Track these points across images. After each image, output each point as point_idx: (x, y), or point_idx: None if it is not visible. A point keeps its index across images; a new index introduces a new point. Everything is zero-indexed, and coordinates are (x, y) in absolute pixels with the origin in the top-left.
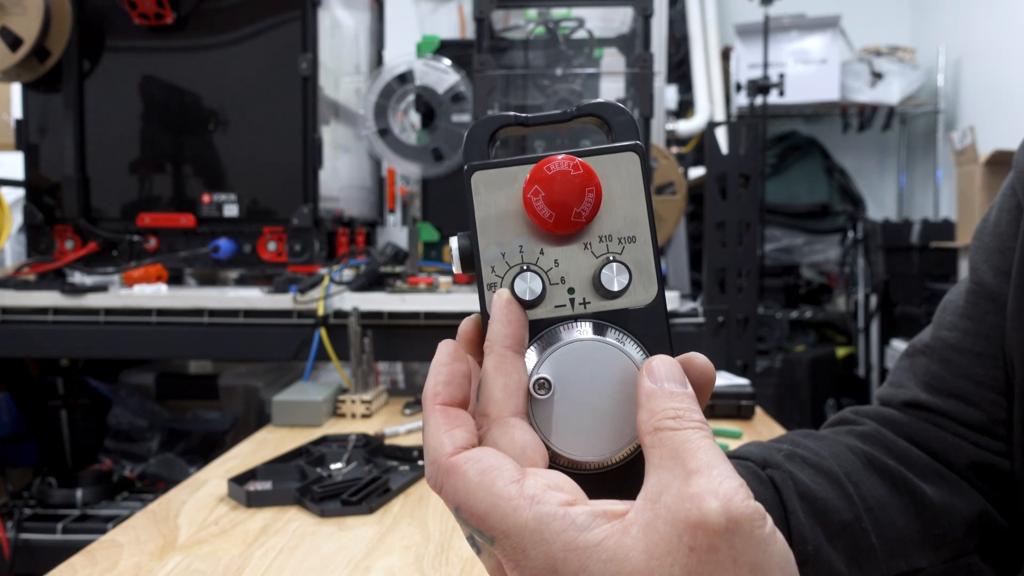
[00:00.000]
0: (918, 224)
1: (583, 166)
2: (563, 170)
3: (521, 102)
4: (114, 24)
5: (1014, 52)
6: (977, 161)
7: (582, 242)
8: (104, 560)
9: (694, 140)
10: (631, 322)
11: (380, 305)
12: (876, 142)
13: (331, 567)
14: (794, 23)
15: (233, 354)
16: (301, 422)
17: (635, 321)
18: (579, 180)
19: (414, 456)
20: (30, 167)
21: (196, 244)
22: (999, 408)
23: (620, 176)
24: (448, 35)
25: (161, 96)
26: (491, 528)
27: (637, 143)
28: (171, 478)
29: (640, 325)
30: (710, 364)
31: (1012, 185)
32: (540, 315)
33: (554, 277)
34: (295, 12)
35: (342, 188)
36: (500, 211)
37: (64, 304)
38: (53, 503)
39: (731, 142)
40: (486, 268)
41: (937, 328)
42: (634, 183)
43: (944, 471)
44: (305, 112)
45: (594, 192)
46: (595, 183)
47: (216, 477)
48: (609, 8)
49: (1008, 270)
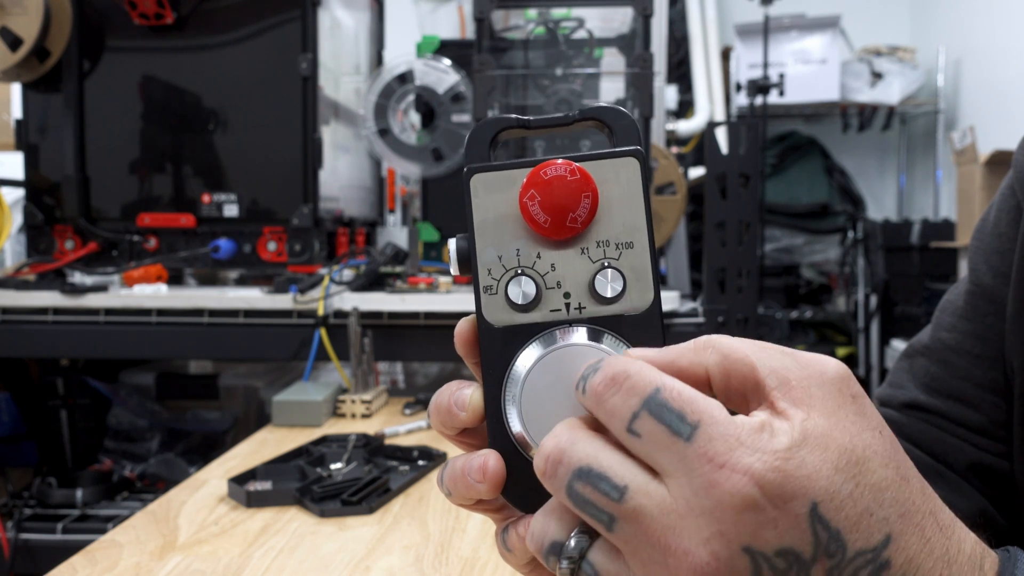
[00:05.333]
0: (918, 224)
1: (580, 171)
2: (560, 175)
3: (521, 102)
4: (114, 24)
5: (1014, 52)
6: (977, 161)
7: (579, 247)
8: (104, 560)
9: (694, 140)
10: (626, 328)
11: (380, 305)
12: (876, 142)
13: (331, 567)
14: (794, 23)
15: (233, 354)
16: (301, 422)
17: (630, 327)
18: (575, 185)
19: (414, 456)
20: (30, 167)
21: (196, 244)
22: (998, 410)
23: (619, 181)
24: (448, 35)
25: (161, 96)
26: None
27: (637, 148)
28: (171, 478)
29: (635, 331)
30: None
31: (1011, 185)
32: (535, 319)
33: (550, 281)
34: (295, 12)
35: (342, 188)
36: (498, 214)
37: (64, 304)
38: (53, 503)
39: (731, 142)
40: (483, 271)
41: (936, 329)
42: (633, 189)
43: (944, 472)
44: (305, 112)
45: (590, 197)
46: (592, 188)
47: (216, 477)
48: (609, 8)
49: (1007, 271)
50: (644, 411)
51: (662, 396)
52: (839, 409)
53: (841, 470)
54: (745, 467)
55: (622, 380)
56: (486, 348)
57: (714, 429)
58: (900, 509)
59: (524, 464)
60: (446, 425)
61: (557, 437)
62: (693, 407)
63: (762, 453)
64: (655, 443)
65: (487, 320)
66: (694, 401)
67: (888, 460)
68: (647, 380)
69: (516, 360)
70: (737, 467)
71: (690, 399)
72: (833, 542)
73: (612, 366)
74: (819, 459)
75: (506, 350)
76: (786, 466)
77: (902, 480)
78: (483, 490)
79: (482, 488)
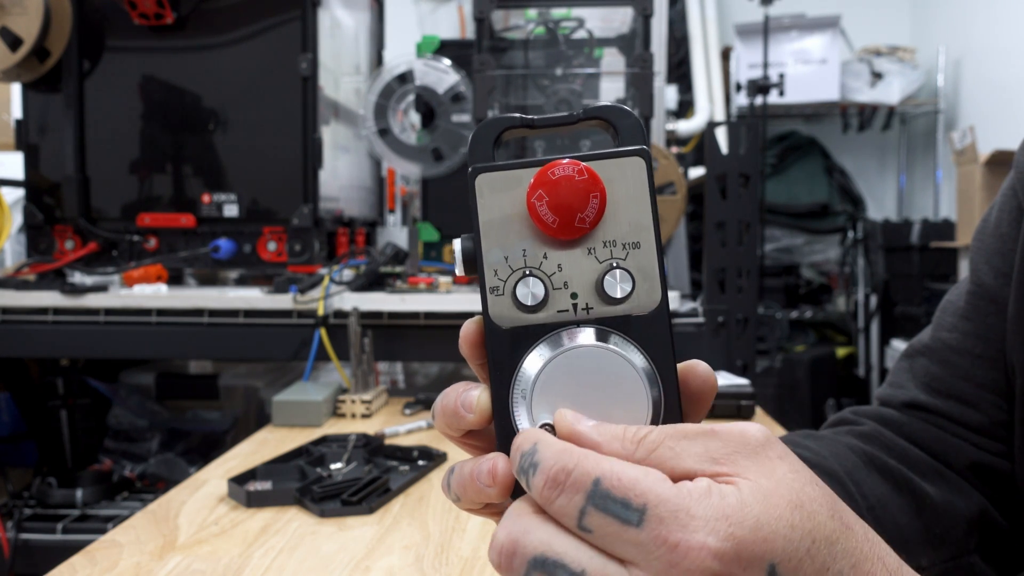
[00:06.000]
0: (918, 224)
1: (588, 171)
2: (568, 175)
3: (521, 102)
4: (114, 24)
5: (1014, 52)
6: (977, 161)
7: (586, 247)
8: (104, 560)
9: (694, 140)
10: (634, 328)
11: (380, 305)
12: (876, 142)
13: (331, 567)
14: (794, 23)
15: (233, 354)
16: (301, 422)
17: (638, 327)
18: (584, 185)
19: (414, 456)
20: (30, 167)
21: (196, 244)
22: (999, 410)
23: (625, 181)
24: (448, 35)
25: (161, 96)
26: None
27: (643, 147)
28: (171, 478)
29: (643, 332)
30: (712, 373)
31: (1012, 186)
32: (542, 319)
33: (557, 282)
34: (295, 12)
35: (342, 188)
36: (504, 214)
37: (64, 304)
38: (53, 503)
39: (731, 142)
40: (489, 271)
41: (937, 329)
42: (639, 188)
43: (944, 471)
44: (305, 112)
45: (598, 197)
46: (600, 188)
47: (216, 477)
48: (609, 8)
49: (1008, 272)
50: (590, 506)
51: (604, 487)
52: (774, 470)
53: (796, 527)
54: (700, 543)
55: (563, 479)
56: (493, 349)
57: (662, 508)
58: (851, 560)
59: None
60: (452, 427)
61: (508, 528)
62: (636, 490)
63: (716, 521)
64: (608, 535)
65: (494, 321)
66: (636, 483)
67: (832, 511)
68: (585, 472)
69: (524, 361)
70: (692, 544)
71: (631, 482)
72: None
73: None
74: (772, 518)
75: (514, 351)
76: (740, 532)
77: (847, 529)
78: (492, 494)
79: (492, 492)
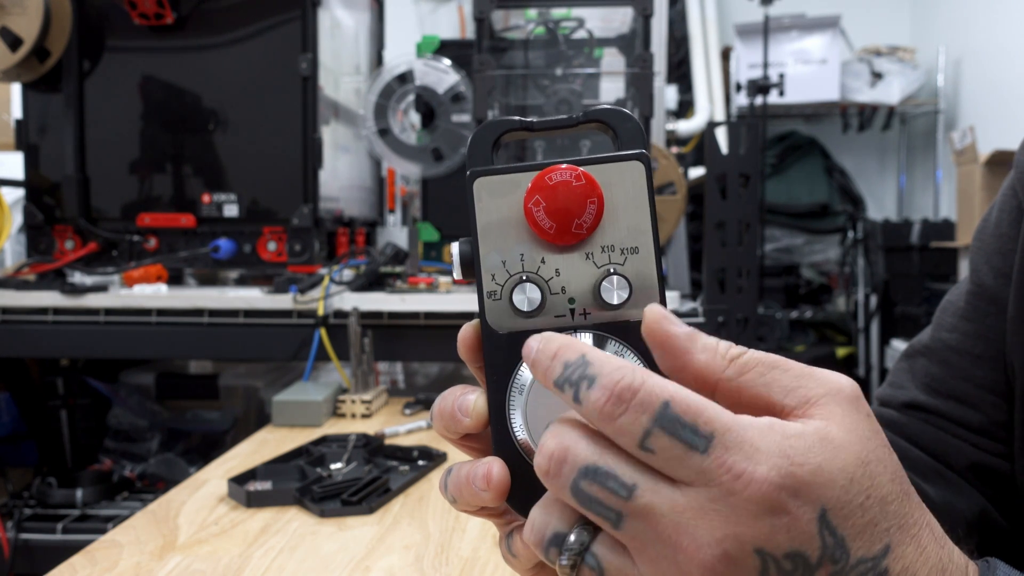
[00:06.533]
0: (918, 224)
1: (585, 176)
2: (565, 180)
3: (521, 102)
4: (114, 24)
5: (1014, 52)
6: (977, 161)
7: (584, 252)
8: (104, 560)
9: (694, 140)
10: (631, 334)
11: (380, 305)
12: (876, 142)
13: (331, 567)
14: (794, 23)
15: (233, 354)
16: (301, 422)
17: (635, 333)
18: (581, 191)
19: (414, 456)
20: (30, 167)
21: (196, 244)
22: (999, 410)
23: (624, 185)
24: (448, 35)
25: (161, 96)
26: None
27: (642, 152)
28: (171, 478)
29: (640, 337)
30: None
31: (1013, 185)
32: (539, 325)
33: (555, 287)
34: (295, 12)
35: (342, 188)
36: (502, 218)
37: (64, 304)
38: (53, 503)
39: (731, 142)
40: (486, 276)
41: (937, 329)
42: (638, 193)
43: (944, 471)
44: (305, 112)
45: (596, 203)
46: (597, 194)
47: (216, 477)
48: (609, 8)
49: (1009, 272)
50: (656, 428)
51: (673, 411)
52: (857, 424)
53: (856, 481)
54: (763, 476)
55: (628, 397)
56: (490, 354)
57: (729, 438)
58: (900, 521)
59: (529, 471)
60: (449, 430)
61: (559, 436)
62: (704, 417)
63: (779, 458)
64: (672, 458)
65: (491, 326)
66: (705, 410)
67: (895, 475)
68: (655, 394)
69: (521, 366)
70: (756, 476)
71: (701, 409)
72: (838, 549)
73: (614, 380)
74: (835, 468)
75: (510, 356)
76: (800, 472)
77: (904, 495)
78: (487, 498)
79: (486, 496)
